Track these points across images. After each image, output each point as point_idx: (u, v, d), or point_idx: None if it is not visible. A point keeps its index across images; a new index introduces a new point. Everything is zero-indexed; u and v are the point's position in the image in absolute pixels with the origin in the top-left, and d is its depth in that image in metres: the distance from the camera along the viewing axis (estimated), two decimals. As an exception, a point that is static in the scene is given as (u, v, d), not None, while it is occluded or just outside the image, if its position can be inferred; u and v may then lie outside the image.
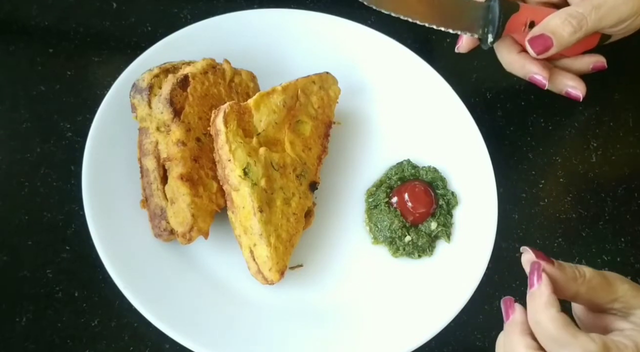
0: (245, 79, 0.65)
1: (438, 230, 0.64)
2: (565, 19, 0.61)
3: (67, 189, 0.63)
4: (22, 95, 0.68)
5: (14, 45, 0.71)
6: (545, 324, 0.44)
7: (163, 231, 0.58)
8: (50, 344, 0.57)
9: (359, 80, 0.70)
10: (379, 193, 0.65)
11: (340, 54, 0.71)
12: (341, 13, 0.73)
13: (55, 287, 0.59)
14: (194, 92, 0.60)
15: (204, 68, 0.62)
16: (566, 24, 0.61)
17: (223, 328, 0.56)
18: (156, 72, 0.61)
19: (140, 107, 0.60)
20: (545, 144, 0.74)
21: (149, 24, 0.74)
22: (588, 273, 0.47)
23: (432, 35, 0.80)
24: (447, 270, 0.62)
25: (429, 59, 0.71)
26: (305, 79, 0.64)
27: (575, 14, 0.61)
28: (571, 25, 0.61)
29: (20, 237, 0.61)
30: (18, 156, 0.65)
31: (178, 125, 0.58)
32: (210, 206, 0.58)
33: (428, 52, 0.73)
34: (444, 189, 0.66)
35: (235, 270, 0.59)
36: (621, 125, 0.76)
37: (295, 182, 0.59)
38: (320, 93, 0.64)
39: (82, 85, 0.69)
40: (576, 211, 0.70)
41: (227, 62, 0.64)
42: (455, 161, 0.67)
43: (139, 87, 0.60)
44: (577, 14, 0.61)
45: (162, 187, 0.58)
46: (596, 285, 0.47)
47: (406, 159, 0.67)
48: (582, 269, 0.47)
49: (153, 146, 0.59)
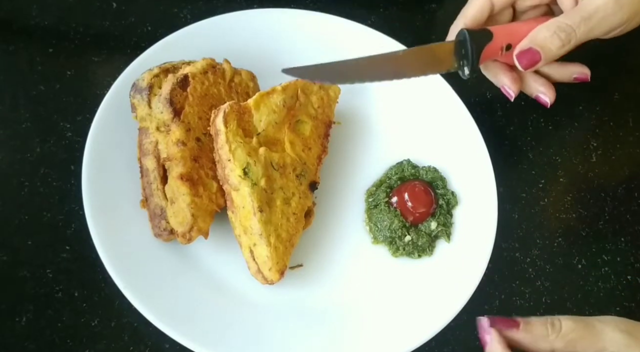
0: (245, 78, 0.65)
1: (438, 230, 0.64)
2: (553, 32, 0.59)
3: (67, 189, 0.63)
4: (22, 95, 0.68)
5: (14, 45, 0.71)
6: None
7: (163, 231, 0.58)
8: (50, 344, 0.57)
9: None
10: (379, 193, 0.65)
11: (340, 54, 0.70)
12: (341, 13, 0.73)
13: (55, 287, 0.59)
14: (193, 92, 0.60)
15: (203, 68, 0.62)
16: (554, 38, 0.59)
17: (223, 328, 0.56)
18: (156, 72, 0.61)
19: (140, 107, 0.60)
20: (545, 144, 0.74)
21: (149, 24, 0.74)
22: (565, 327, 0.45)
23: (432, 35, 0.80)
24: (447, 270, 0.62)
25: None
26: None
27: (564, 26, 0.59)
28: (559, 38, 0.59)
29: (20, 237, 0.61)
30: (18, 156, 0.65)
31: (178, 125, 0.58)
32: (210, 205, 0.58)
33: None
34: (443, 189, 0.66)
35: (235, 270, 0.59)
36: (621, 125, 0.76)
37: (295, 181, 0.59)
38: (320, 93, 0.64)
39: (82, 85, 0.69)
40: (576, 211, 0.70)
41: (227, 62, 0.64)
42: (455, 161, 0.67)
43: (138, 87, 0.60)
44: (566, 26, 0.59)
45: (162, 187, 0.58)
46: (576, 337, 0.45)
47: (406, 159, 0.67)
48: (558, 323, 0.45)
49: (153, 146, 0.59)
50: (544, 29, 0.60)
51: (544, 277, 0.66)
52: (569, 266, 0.67)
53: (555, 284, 0.66)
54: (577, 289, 0.66)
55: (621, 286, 0.67)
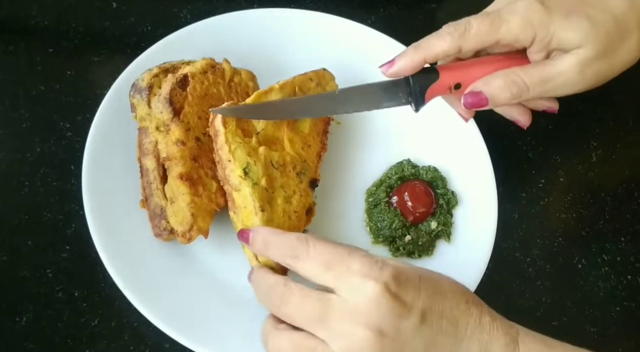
0: (245, 78, 0.65)
1: (438, 229, 0.64)
2: (507, 84, 0.57)
3: (67, 189, 0.63)
4: (22, 95, 0.68)
5: (13, 45, 0.71)
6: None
7: (163, 231, 0.58)
8: (50, 343, 0.57)
9: (359, 80, 0.70)
10: (379, 193, 0.65)
11: (339, 54, 0.71)
12: (341, 13, 0.72)
13: (55, 287, 0.59)
14: (193, 92, 0.60)
15: (203, 68, 0.61)
16: (506, 90, 0.57)
17: (223, 328, 0.56)
18: (156, 71, 0.61)
19: (140, 106, 0.60)
20: (545, 144, 0.74)
21: (149, 24, 0.74)
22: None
23: (432, 35, 0.80)
24: (447, 270, 0.61)
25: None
26: (302, 76, 0.63)
27: (520, 83, 0.57)
28: (511, 92, 0.57)
29: (20, 237, 0.61)
30: (18, 156, 0.65)
31: (177, 125, 0.58)
32: (209, 205, 0.58)
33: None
34: (443, 189, 0.66)
35: (236, 269, 0.59)
36: (621, 125, 0.76)
37: (296, 180, 0.59)
38: (318, 90, 0.64)
39: (82, 85, 0.69)
40: (576, 211, 0.70)
41: (227, 62, 0.64)
42: (455, 161, 0.67)
43: (138, 87, 0.60)
44: (522, 83, 0.57)
45: (162, 186, 0.58)
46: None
47: (406, 159, 0.67)
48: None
49: (153, 146, 0.59)
50: (500, 78, 0.58)
51: (544, 276, 0.66)
52: (569, 265, 0.67)
53: (555, 284, 0.66)
54: (577, 288, 0.66)
55: (621, 285, 0.67)
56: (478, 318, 0.47)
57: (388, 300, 0.45)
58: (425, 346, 0.45)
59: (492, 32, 0.56)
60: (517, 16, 0.56)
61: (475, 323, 0.47)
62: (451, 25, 0.57)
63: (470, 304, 0.48)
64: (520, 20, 0.56)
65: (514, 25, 0.56)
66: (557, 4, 0.56)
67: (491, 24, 0.56)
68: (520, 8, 0.56)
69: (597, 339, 0.64)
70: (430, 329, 0.46)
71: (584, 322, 0.65)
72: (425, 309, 0.46)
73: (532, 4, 0.56)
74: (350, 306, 0.45)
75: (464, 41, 0.56)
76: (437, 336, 0.46)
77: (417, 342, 0.45)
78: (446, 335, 0.46)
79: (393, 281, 0.46)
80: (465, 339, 0.46)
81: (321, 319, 0.46)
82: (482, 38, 0.56)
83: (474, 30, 0.56)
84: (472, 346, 0.46)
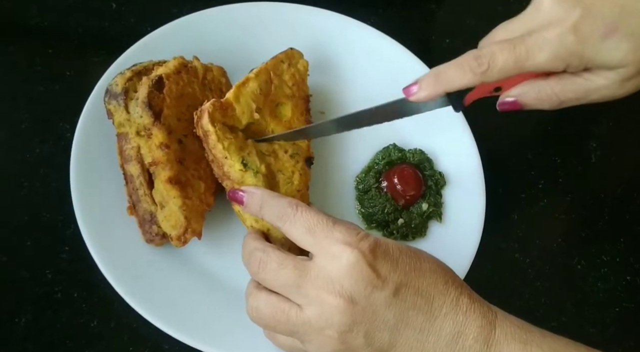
0: (217, 75, 0.64)
1: (429, 211, 0.64)
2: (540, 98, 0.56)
3: (66, 190, 0.63)
4: (22, 96, 0.68)
5: (13, 45, 0.71)
6: None
7: (155, 236, 0.57)
8: (49, 344, 0.57)
9: (328, 60, 0.70)
10: (368, 179, 0.65)
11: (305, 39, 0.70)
12: (341, 13, 0.72)
13: (54, 288, 0.59)
14: (169, 94, 0.58)
15: (176, 67, 0.60)
16: (538, 103, 0.56)
17: (222, 325, 0.56)
18: (129, 75, 0.59)
19: (118, 112, 0.58)
20: (545, 144, 0.74)
21: (149, 24, 0.74)
22: None
23: (432, 36, 0.80)
24: (441, 249, 0.61)
25: (428, 59, 0.70)
26: (273, 60, 0.63)
27: (554, 98, 0.56)
28: (542, 105, 0.57)
29: (20, 237, 0.61)
30: (18, 156, 0.65)
31: (159, 129, 0.56)
32: (200, 206, 0.58)
33: (428, 53, 0.73)
34: (431, 170, 0.66)
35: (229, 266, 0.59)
36: (621, 125, 0.76)
37: (291, 161, 0.60)
38: (291, 70, 0.64)
39: (81, 85, 0.69)
40: (576, 212, 0.70)
41: (197, 59, 0.63)
42: (440, 142, 0.68)
43: (113, 92, 0.59)
44: (555, 99, 0.56)
45: (149, 192, 0.57)
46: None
47: (392, 143, 0.68)
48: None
49: (135, 151, 0.57)
50: (534, 90, 0.56)
51: (544, 277, 0.66)
52: (568, 266, 0.67)
53: (554, 285, 0.66)
54: (576, 289, 0.66)
55: (621, 286, 0.67)
56: (455, 299, 0.47)
57: (362, 269, 0.46)
58: (396, 320, 0.46)
59: (518, 68, 0.53)
60: (545, 52, 0.53)
61: (451, 304, 0.47)
62: (473, 57, 0.54)
63: (450, 284, 0.48)
64: (549, 56, 0.53)
65: (541, 60, 0.53)
66: (593, 27, 0.52)
67: (517, 60, 0.53)
68: (549, 42, 0.52)
69: (596, 340, 0.64)
70: (403, 304, 0.46)
71: (583, 323, 0.65)
72: (400, 283, 0.46)
73: (564, 35, 0.52)
74: (326, 273, 0.46)
75: (487, 77, 0.54)
76: (409, 311, 0.46)
77: (388, 314, 0.46)
78: (419, 311, 0.46)
79: (370, 252, 0.46)
80: (440, 318, 0.46)
81: (297, 285, 0.47)
82: (507, 73, 0.54)
83: (499, 68, 0.53)
84: (446, 325, 0.46)
